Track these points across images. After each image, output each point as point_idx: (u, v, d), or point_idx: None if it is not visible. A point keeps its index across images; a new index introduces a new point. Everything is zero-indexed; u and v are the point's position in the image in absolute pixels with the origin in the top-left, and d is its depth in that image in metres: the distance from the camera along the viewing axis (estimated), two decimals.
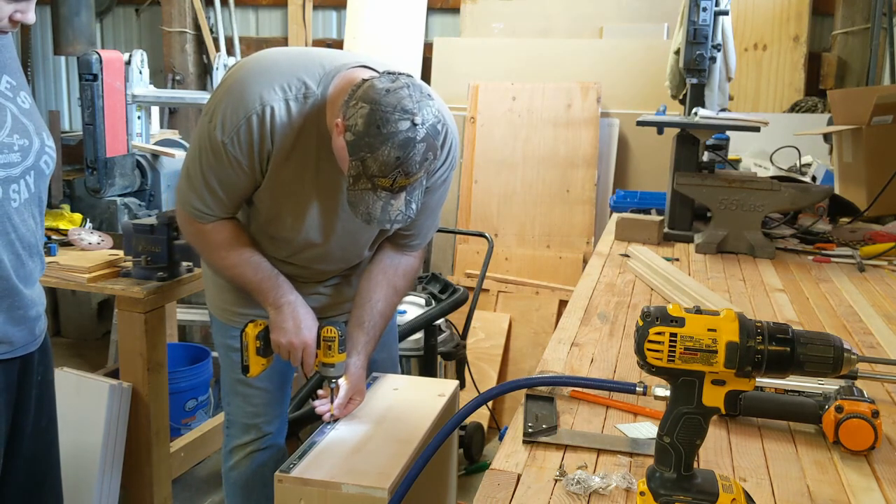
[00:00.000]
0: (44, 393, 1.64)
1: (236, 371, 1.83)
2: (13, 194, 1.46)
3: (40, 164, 1.52)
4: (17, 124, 1.48)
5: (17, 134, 1.47)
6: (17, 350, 1.54)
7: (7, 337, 1.50)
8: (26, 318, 1.54)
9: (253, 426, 1.92)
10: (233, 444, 1.95)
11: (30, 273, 1.54)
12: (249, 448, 1.93)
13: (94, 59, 2.51)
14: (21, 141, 1.47)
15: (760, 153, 3.18)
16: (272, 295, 1.74)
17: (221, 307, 1.91)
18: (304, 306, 1.75)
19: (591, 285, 2.05)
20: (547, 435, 1.25)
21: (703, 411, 0.99)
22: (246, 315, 1.82)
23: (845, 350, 0.96)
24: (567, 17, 4.09)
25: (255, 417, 1.92)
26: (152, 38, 4.63)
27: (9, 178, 1.45)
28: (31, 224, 1.52)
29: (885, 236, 2.51)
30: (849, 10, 3.73)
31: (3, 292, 1.48)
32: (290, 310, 1.73)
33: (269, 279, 1.75)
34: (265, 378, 1.86)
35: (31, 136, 1.49)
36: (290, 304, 1.74)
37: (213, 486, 3.11)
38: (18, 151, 1.47)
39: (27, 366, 1.58)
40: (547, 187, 3.79)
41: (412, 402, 1.75)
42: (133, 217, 2.67)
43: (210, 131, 1.61)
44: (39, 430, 1.63)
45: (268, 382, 1.91)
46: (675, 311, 0.97)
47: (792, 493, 1.10)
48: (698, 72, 2.50)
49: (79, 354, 3.97)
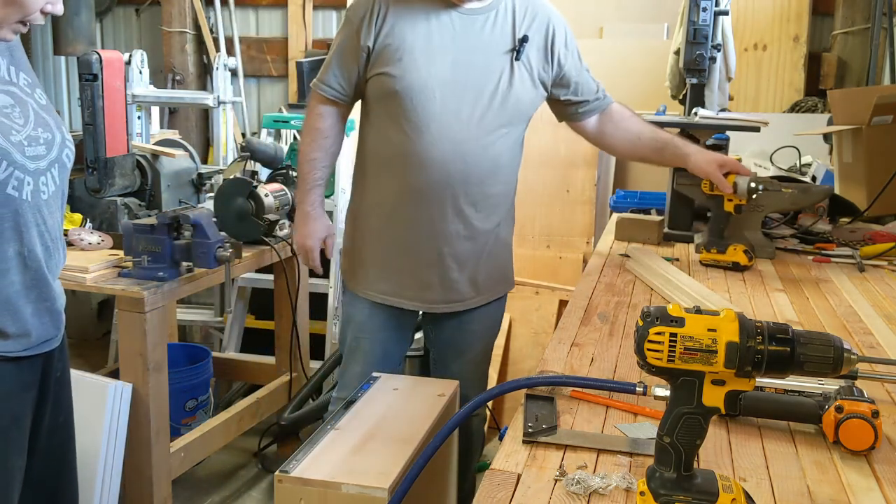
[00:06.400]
0: (62, 389, 1.66)
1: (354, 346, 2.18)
2: (42, 186, 1.49)
3: (63, 158, 1.54)
4: (39, 119, 1.50)
5: (40, 128, 1.49)
6: (42, 346, 1.55)
7: (32, 330, 1.51)
8: (52, 311, 1.56)
9: None
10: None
11: (56, 265, 1.58)
12: None
13: (94, 59, 2.51)
14: (45, 134, 1.50)
15: (760, 153, 3.17)
16: (301, 196, 2.17)
17: (352, 274, 2.19)
18: (320, 218, 2.17)
19: (591, 285, 2.05)
20: (547, 435, 1.25)
21: (703, 411, 0.99)
22: (365, 291, 2.13)
23: (845, 350, 0.96)
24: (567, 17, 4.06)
25: None
26: (152, 38, 4.63)
27: (38, 171, 1.47)
28: (57, 216, 1.56)
29: (885, 236, 2.51)
30: (849, 10, 3.73)
31: (34, 282, 1.50)
32: (305, 216, 2.16)
33: (308, 182, 2.14)
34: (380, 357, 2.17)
35: (52, 130, 1.52)
36: (307, 212, 2.16)
37: (214, 486, 3.12)
38: (44, 144, 1.49)
39: (49, 361, 1.60)
40: (547, 187, 3.79)
41: (412, 402, 1.75)
42: (133, 217, 2.66)
43: None
44: (57, 426, 1.65)
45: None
46: (675, 311, 0.97)
47: (792, 493, 1.10)
48: (698, 72, 2.50)
49: (79, 354, 3.96)
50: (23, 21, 1.41)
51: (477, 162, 2.02)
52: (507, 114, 2.03)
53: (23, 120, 1.47)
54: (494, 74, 2.01)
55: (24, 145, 1.44)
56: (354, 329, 2.19)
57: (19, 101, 1.48)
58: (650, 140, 2.22)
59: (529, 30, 2.04)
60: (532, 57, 2.05)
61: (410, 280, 2.10)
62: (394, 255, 2.09)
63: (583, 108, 2.21)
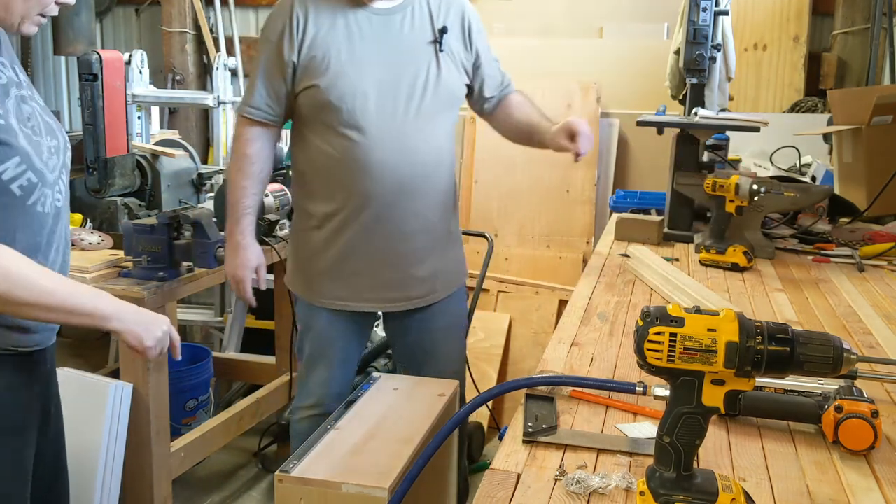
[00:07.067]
0: (50, 381, 1.66)
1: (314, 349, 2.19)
2: (57, 195, 1.49)
3: (67, 161, 1.55)
4: (46, 125, 1.50)
5: (49, 135, 1.49)
6: (46, 341, 1.56)
7: (42, 326, 1.53)
8: None
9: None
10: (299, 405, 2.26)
11: (69, 268, 1.60)
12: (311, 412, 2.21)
13: (94, 59, 2.51)
14: (53, 142, 1.50)
15: (760, 153, 3.17)
16: (231, 225, 2.12)
17: (306, 287, 2.18)
18: (251, 247, 2.13)
19: (591, 285, 2.05)
20: (547, 435, 1.25)
21: (703, 411, 0.99)
22: (321, 300, 2.13)
23: (845, 350, 0.96)
24: (567, 17, 4.08)
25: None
26: (152, 38, 4.63)
27: (53, 181, 1.47)
28: (67, 220, 1.57)
29: (885, 236, 2.51)
30: (849, 10, 3.73)
31: None
32: (236, 246, 2.12)
33: (238, 210, 2.09)
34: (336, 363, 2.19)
35: (57, 136, 1.52)
36: (238, 242, 2.11)
37: (214, 486, 3.12)
38: (55, 153, 1.49)
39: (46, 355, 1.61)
40: (547, 187, 3.79)
41: (412, 402, 1.75)
42: (133, 217, 2.66)
43: None
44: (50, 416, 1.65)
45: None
46: (675, 311, 0.97)
47: (791, 493, 1.10)
48: (698, 72, 2.50)
49: (79, 354, 3.96)
50: (42, 14, 1.42)
51: (421, 156, 2.05)
52: (440, 103, 2.07)
53: (41, 131, 1.47)
54: (422, 67, 2.03)
55: (46, 159, 1.45)
56: (315, 338, 2.20)
57: (33, 109, 1.47)
58: (526, 127, 2.25)
59: (447, 20, 2.08)
60: (453, 45, 2.09)
61: (368, 282, 2.11)
62: (349, 260, 2.09)
63: (488, 93, 2.22)
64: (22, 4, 1.38)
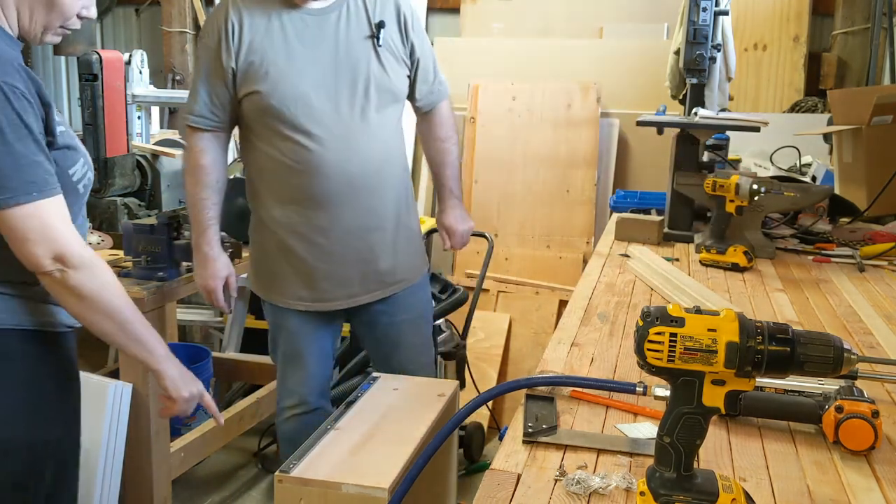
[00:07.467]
0: None
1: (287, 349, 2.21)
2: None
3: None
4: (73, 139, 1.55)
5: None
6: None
7: None
8: None
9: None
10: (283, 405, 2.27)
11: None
12: (295, 411, 2.23)
13: (94, 59, 2.51)
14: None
15: (760, 153, 3.17)
16: (196, 238, 2.12)
17: (269, 289, 2.19)
18: (219, 257, 2.14)
19: (591, 285, 2.05)
20: (547, 435, 1.25)
21: (703, 411, 0.99)
22: (287, 301, 2.14)
23: (845, 350, 0.96)
24: (567, 17, 4.09)
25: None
26: (152, 38, 4.63)
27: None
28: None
29: (885, 236, 2.51)
30: (849, 10, 3.73)
31: None
32: (204, 258, 2.12)
33: (202, 223, 2.09)
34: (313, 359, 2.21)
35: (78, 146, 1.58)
36: (206, 253, 2.12)
37: (213, 486, 3.12)
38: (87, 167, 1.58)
39: None
40: (547, 187, 3.79)
41: (412, 402, 1.75)
42: (133, 217, 2.66)
43: None
44: None
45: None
46: (675, 311, 0.97)
47: (792, 493, 1.10)
48: (698, 72, 2.50)
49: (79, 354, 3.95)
50: (64, 26, 1.46)
51: (369, 153, 2.05)
52: (383, 98, 2.07)
53: None
54: (362, 64, 2.03)
55: None
56: (288, 338, 2.20)
57: None
58: (434, 167, 2.36)
59: (384, 14, 2.07)
60: (391, 39, 2.09)
61: (330, 282, 2.11)
62: (309, 262, 2.10)
63: (418, 96, 2.23)
64: (45, 16, 1.42)
